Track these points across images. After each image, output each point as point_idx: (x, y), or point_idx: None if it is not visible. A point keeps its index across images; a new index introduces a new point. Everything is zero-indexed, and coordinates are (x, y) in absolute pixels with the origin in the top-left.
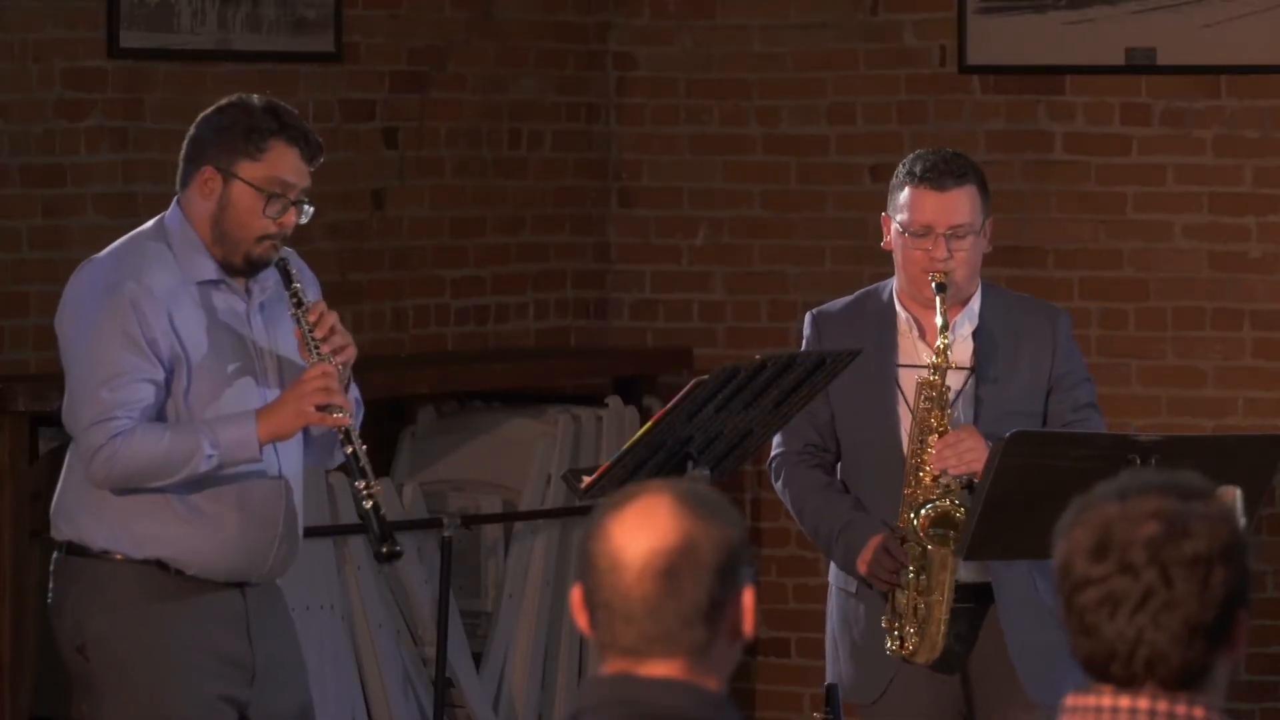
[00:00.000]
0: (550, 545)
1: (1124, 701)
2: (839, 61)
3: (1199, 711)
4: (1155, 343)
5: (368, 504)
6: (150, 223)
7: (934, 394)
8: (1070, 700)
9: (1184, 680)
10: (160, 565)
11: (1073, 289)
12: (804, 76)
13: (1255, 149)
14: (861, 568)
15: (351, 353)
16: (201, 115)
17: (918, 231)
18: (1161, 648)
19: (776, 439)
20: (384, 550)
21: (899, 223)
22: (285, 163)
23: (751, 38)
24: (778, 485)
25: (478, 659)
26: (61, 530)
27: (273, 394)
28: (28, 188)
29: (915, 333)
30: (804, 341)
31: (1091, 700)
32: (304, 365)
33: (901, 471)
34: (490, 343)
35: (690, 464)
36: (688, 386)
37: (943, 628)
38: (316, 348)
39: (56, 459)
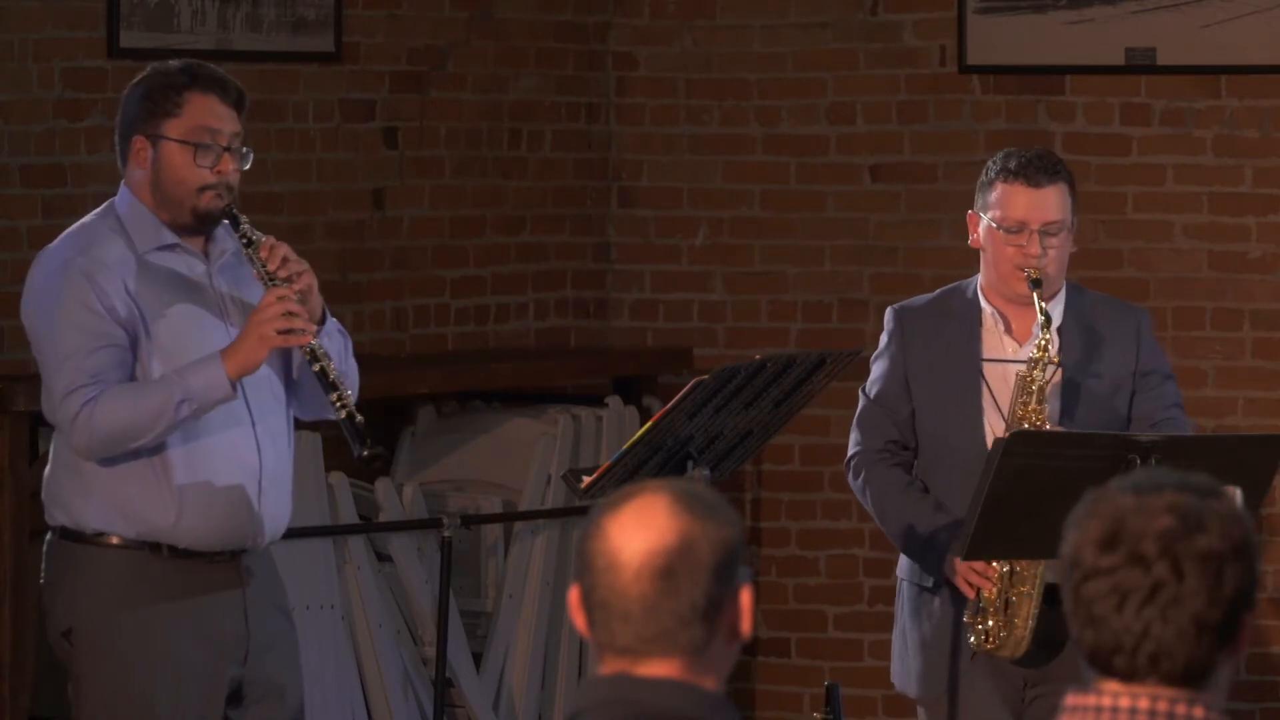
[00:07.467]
0: (550, 545)
1: (1124, 701)
2: (839, 61)
3: (1199, 711)
4: None
5: (342, 413)
6: (99, 208)
7: (1033, 388)
8: (1070, 700)
9: (1187, 677)
10: (152, 548)
11: None
12: (804, 76)
13: (1255, 149)
14: (953, 576)
15: (309, 279)
16: (124, 93)
17: (1012, 228)
18: (1168, 643)
19: (854, 435)
20: (365, 453)
21: (991, 219)
22: (205, 110)
23: (751, 38)
24: (856, 483)
25: (478, 659)
26: (54, 515)
27: None
28: (28, 188)
29: (1001, 327)
30: (885, 336)
31: (1092, 700)
32: None
33: (983, 465)
34: (490, 343)
35: (690, 464)
36: (688, 386)
37: (1030, 623)
38: (271, 278)
39: None
